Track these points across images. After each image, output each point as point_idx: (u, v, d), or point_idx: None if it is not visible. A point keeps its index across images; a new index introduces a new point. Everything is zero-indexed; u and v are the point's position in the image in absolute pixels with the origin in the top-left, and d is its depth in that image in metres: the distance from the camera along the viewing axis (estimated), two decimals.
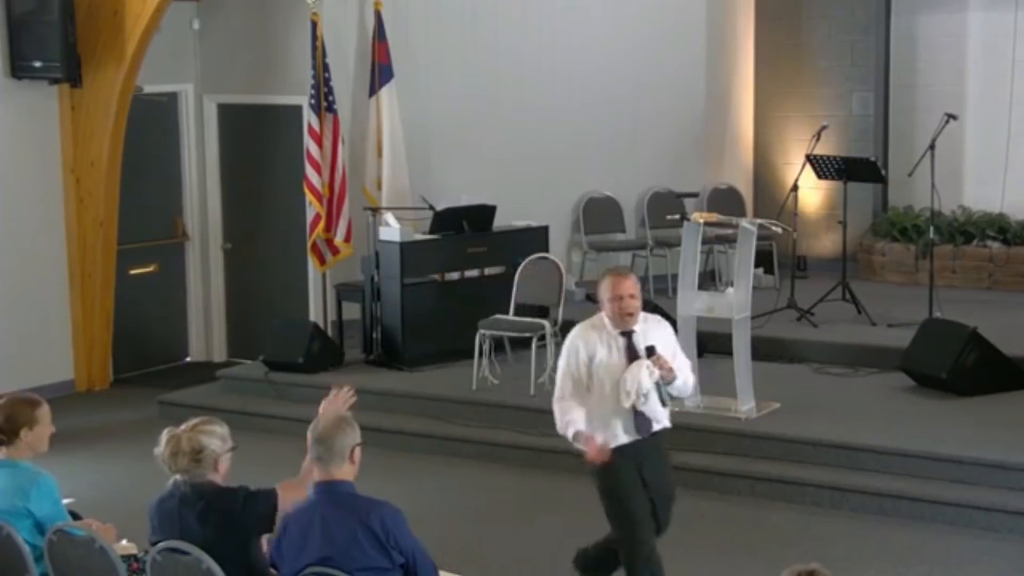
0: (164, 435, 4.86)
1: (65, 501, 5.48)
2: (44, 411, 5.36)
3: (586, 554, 6.15)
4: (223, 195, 11.36)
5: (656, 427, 5.77)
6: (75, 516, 5.46)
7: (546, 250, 9.94)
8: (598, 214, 11.70)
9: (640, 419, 5.70)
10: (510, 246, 10.05)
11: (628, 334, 5.71)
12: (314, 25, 10.13)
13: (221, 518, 4.77)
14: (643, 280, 11.31)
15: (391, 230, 9.74)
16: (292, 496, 4.82)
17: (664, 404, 5.70)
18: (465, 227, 9.97)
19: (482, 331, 9.19)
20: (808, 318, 10.07)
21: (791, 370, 9.43)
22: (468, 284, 10.19)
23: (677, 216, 8.57)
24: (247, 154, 11.24)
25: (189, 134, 11.27)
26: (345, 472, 4.67)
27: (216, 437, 4.85)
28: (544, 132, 11.27)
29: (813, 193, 12.11)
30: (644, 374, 5.60)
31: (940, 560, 6.72)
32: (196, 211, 11.36)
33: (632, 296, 5.67)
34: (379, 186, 10.49)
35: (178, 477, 4.85)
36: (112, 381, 10.77)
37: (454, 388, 9.23)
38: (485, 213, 10.08)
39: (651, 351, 5.65)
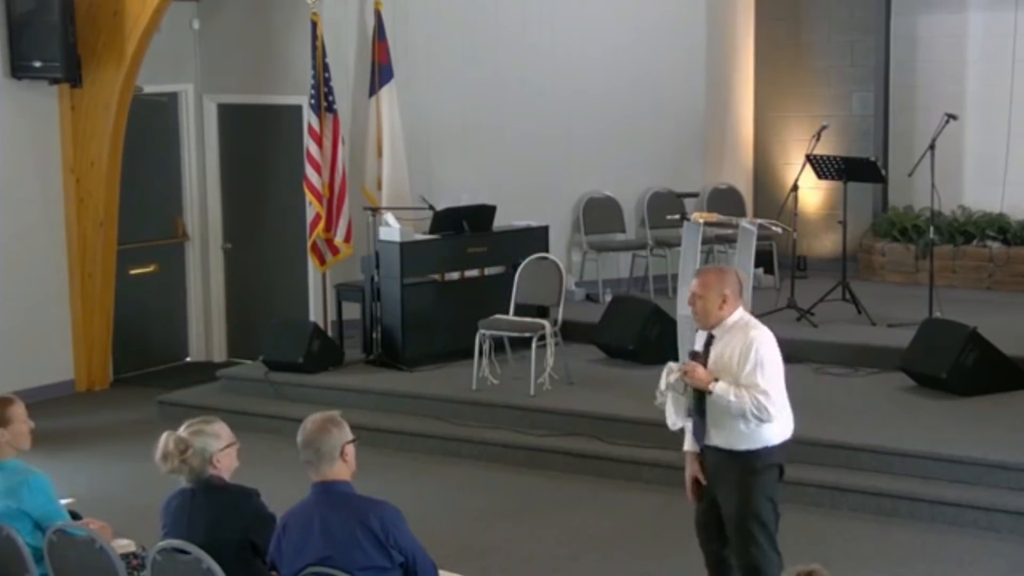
0: (160, 438, 4.88)
1: (65, 501, 5.49)
2: (16, 409, 5.35)
3: None
4: (223, 195, 11.36)
5: (713, 442, 5.50)
6: (75, 516, 5.46)
7: (546, 250, 9.94)
8: (598, 214, 11.69)
9: (697, 426, 5.54)
10: (510, 246, 10.05)
11: (711, 335, 5.50)
12: (314, 25, 10.13)
13: (226, 512, 4.80)
14: (643, 280, 11.48)
15: (391, 230, 9.74)
16: None
17: (689, 414, 5.51)
18: (465, 227, 9.96)
19: (482, 331, 9.18)
20: (808, 318, 10.07)
21: (791, 370, 9.34)
22: (468, 284, 10.19)
23: (677, 216, 8.57)
24: (247, 154, 11.24)
25: (189, 134, 11.27)
26: (339, 471, 4.66)
27: (207, 436, 4.87)
28: (544, 132, 11.27)
29: (813, 193, 12.11)
30: (663, 372, 5.49)
31: (940, 560, 6.72)
32: (196, 211, 11.36)
33: (694, 294, 5.47)
34: (379, 186, 10.49)
35: (182, 478, 4.87)
36: (112, 381, 10.76)
37: (454, 388, 9.23)
38: (485, 213, 10.08)
39: (694, 355, 5.48)
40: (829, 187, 11.90)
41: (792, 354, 9.54)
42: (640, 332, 9.66)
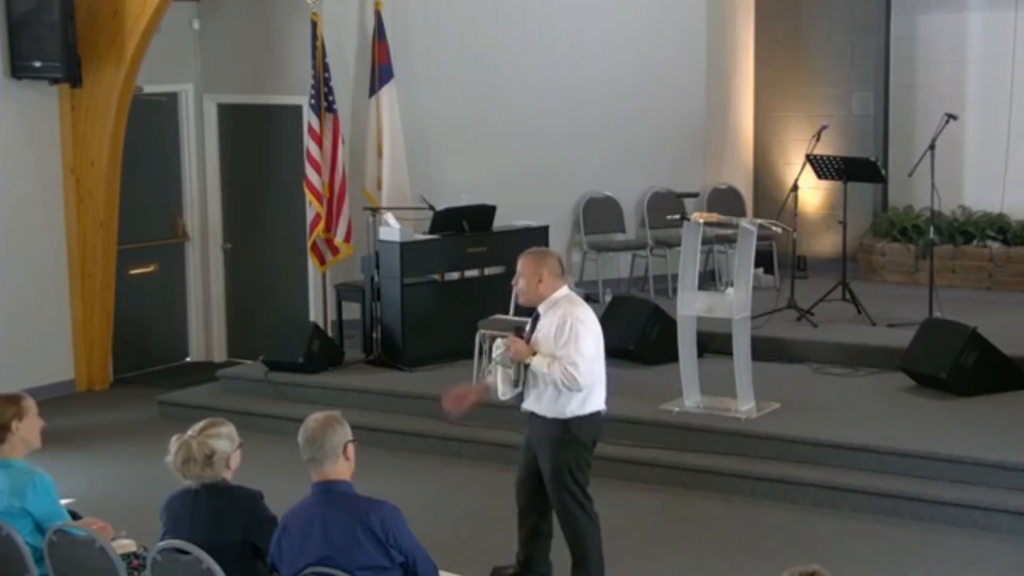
0: (173, 442, 4.86)
1: (65, 501, 5.49)
2: (29, 403, 5.38)
3: None
4: (223, 195, 11.36)
5: (529, 407, 6.11)
6: (75, 516, 5.46)
7: None
8: (598, 214, 11.70)
9: (520, 393, 6.13)
10: (510, 246, 10.01)
11: (536, 313, 6.11)
12: (314, 25, 10.13)
13: (228, 513, 4.80)
14: (643, 280, 11.48)
15: (391, 230, 9.74)
16: None
17: (516, 384, 6.07)
18: (465, 227, 9.97)
19: (482, 331, 9.16)
20: (808, 318, 10.08)
21: (791, 370, 9.44)
22: (468, 284, 10.19)
23: (677, 216, 8.57)
24: (247, 154, 11.24)
25: (189, 134, 11.27)
26: (340, 470, 4.68)
27: (224, 438, 4.89)
28: (544, 132, 11.28)
29: (813, 193, 12.11)
30: (495, 348, 6.12)
31: (940, 560, 6.72)
32: (196, 211, 11.36)
33: (517, 274, 6.11)
34: (379, 186, 10.49)
35: (191, 482, 4.86)
36: (112, 381, 10.77)
37: None
38: (485, 213, 10.08)
39: (518, 331, 6.10)
40: (829, 187, 11.91)
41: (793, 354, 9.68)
42: (640, 332, 9.66)
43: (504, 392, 6.15)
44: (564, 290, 6.09)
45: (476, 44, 11.07)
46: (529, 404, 6.12)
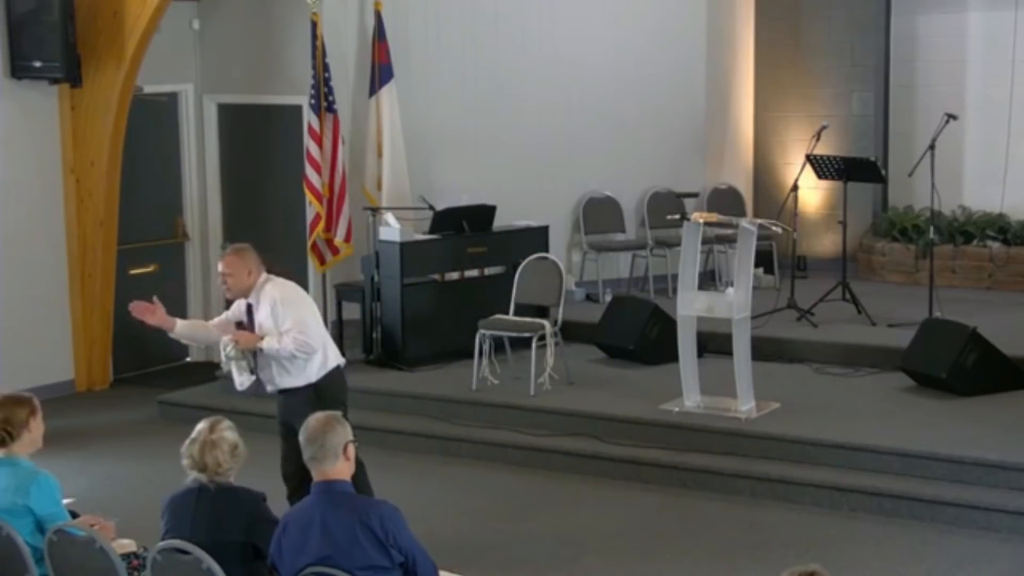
0: (189, 444, 4.89)
1: (65, 501, 5.49)
2: (38, 403, 5.45)
3: None
4: (223, 195, 11.36)
5: (273, 388, 6.67)
6: (74, 516, 5.47)
7: (546, 250, 9.94)
8: (598, 214, 11.69)
9: (256, 381, 6.69)
10: (510, 246, 10.06)
11: (249, 304, 6.62)
12: (314, 25, 10.13)
13: (231, 514, 4.82)
14: (643, 280, 11.48)
15: (391, 230, 9.74)
16: None
17: (252, 372, 6.61)
18: (465, 227, 9.97)
19: (482, 331, 9.19)
20: (808, 318, 10.08)
21: (791, 370, 9.44)
22: (468, 284, 10.19)
23: (677, 216, 8.57)
24: (247, 154, 11.24)
25: (189, 134, 11.27)
26: (340, 470, 4.69)
27: (233, 431, 4.97)
28: (544, 132, 11.27)
29: (813, 193, 12.11)
30: (221, 346, 6.62)
31: (940, 560, 6.72)
32: (196, 211, 11.36)
33: (223, 275, 6.63)
34: (379, 186, 10.49)
35: (202, 477, 4.86)
36: (112, 381, 10.77)
37: (454, 388, 9.23)
38: (485, 213, 10.08)
39: (239, 325, 6.63)
40: (829, 187, 11.91)
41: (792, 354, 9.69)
42: (640, 332, 9.66)
43: (242, 383, 6.68)
44: (264, 275, 6.70)
45: (476, 45, 11.07)
46: (279, 383, 6.65)
